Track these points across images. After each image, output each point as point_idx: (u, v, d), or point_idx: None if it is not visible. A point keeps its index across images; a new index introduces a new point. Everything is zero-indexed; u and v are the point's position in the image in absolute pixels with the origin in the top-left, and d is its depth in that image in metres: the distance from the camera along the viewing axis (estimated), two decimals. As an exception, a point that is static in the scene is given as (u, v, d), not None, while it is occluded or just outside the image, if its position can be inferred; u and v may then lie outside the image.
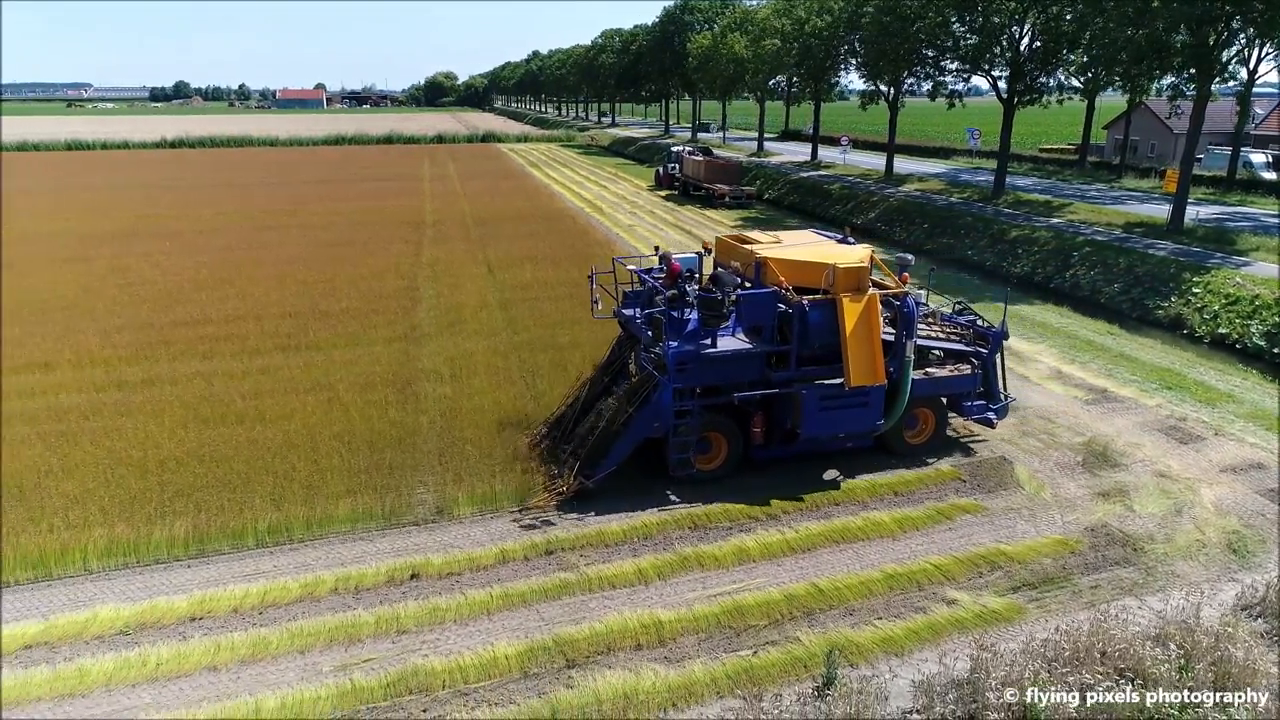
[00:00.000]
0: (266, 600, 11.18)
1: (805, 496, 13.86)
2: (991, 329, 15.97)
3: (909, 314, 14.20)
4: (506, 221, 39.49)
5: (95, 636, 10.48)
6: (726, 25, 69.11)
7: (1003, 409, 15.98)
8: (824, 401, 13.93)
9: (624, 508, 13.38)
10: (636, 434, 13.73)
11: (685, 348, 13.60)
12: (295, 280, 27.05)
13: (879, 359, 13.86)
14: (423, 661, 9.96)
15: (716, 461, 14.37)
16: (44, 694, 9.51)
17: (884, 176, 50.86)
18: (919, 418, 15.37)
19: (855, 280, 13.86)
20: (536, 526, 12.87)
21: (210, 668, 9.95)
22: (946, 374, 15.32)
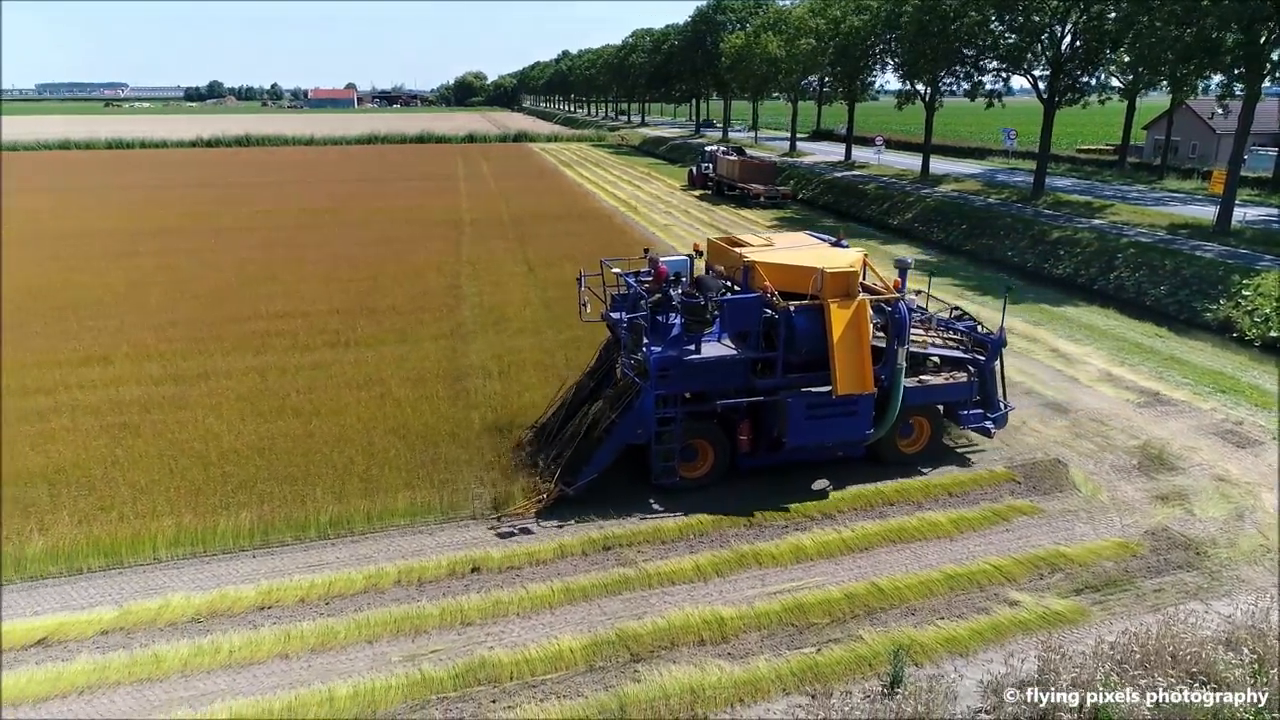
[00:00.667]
0: (332, 591, 11.36)
1: (860, 495, 13.86)
2: (990, 336, 15.48)
3: (900, 320, 13.71)
4: (543, 220, 39.68)
5: (169, 623, 10.71)
6: (760, 25, 68.91)
7: (1001, 418, 15.45)
8: (811, 410, 13.53)
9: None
10: (618, 441, 13.46)
11: (668, 353, 13.34)
12: (340, 278, 27.38)
13: (868, 367, 13.43)
14: (489, 653, 10.09)
15: (702, 470, 14.02)
16: (122, 679, 9.73)
17: (920, 177, 50.52)
18: (914, 426, 14.91)
19: (844, 285, 13.43)
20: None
21: (282, 656, 10.14)
22: (941, 382, 14.85)
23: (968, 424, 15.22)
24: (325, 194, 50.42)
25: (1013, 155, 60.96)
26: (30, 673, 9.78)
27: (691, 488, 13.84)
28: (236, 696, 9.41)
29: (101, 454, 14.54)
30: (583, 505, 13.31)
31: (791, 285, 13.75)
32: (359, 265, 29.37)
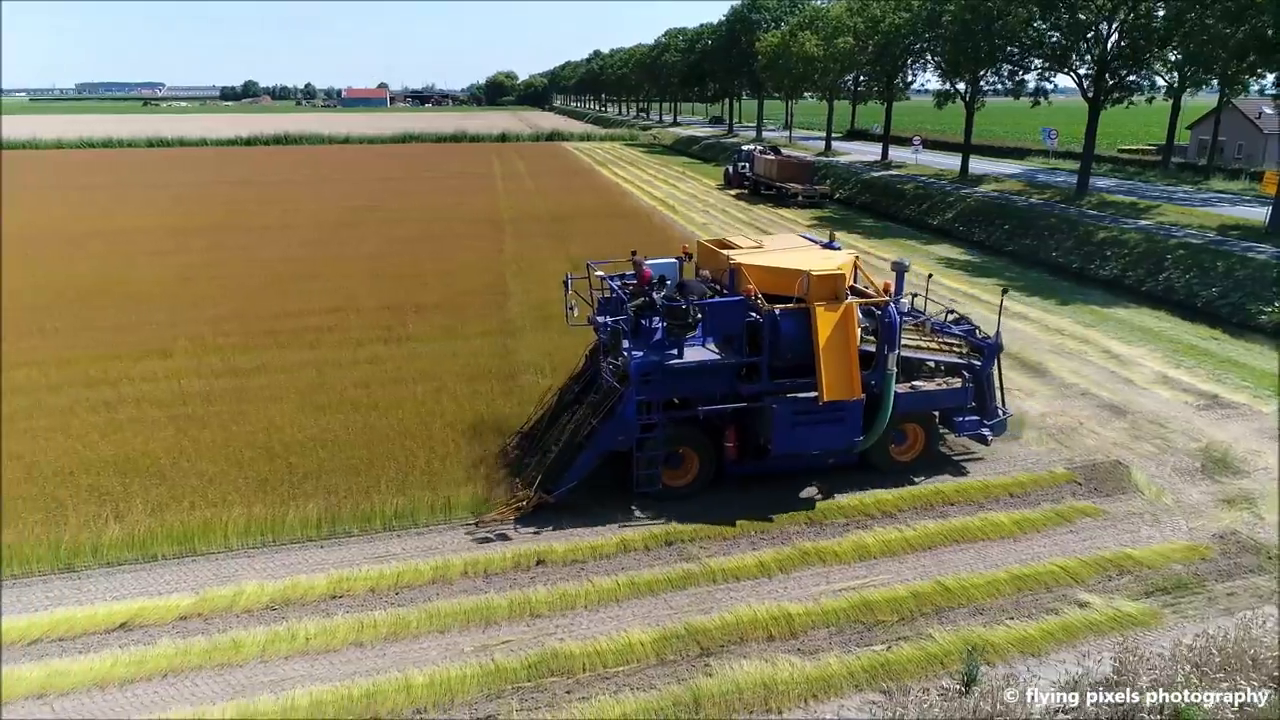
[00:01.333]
0: (400, 582, 11.52)
1: (919, 495, 13.82)
2: (986, 340, 15.09)
3: (890, 324, 13.27)
4: (583, 219, 39.82)
5: (244, 610, 10.92)
6: (797, 24, 68.64)
7: (1000, 425, 15.06)
8: (796, 416, 13.13)
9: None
10: (600, 447, 13.18)
11: (649, 358, 13.06)
12: (385, 274, 27.67)
13: (855, 372, 13.01)
14: (559, 645, 10.18)
15: (687, 477, 13.73)
16: (203, 663, 9.94)
17: (959, 176, 50.07)
18: (907, 433, 14.55)
19: (830, 288, 13.04)
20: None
21: (356, 644, 10.30)
22: (934, 388, 14.45)
23: (963, 431, 14.80)
24: (365, 192, 50.97)
25: (1053, 155, 60.23)
26: (115, 655, 10.02)
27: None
28: (315, 683, 9.58)
29: (169, 444, 14.84)
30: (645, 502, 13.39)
31: (778, 288, 13.47)
32: (403, 262, 29.66)
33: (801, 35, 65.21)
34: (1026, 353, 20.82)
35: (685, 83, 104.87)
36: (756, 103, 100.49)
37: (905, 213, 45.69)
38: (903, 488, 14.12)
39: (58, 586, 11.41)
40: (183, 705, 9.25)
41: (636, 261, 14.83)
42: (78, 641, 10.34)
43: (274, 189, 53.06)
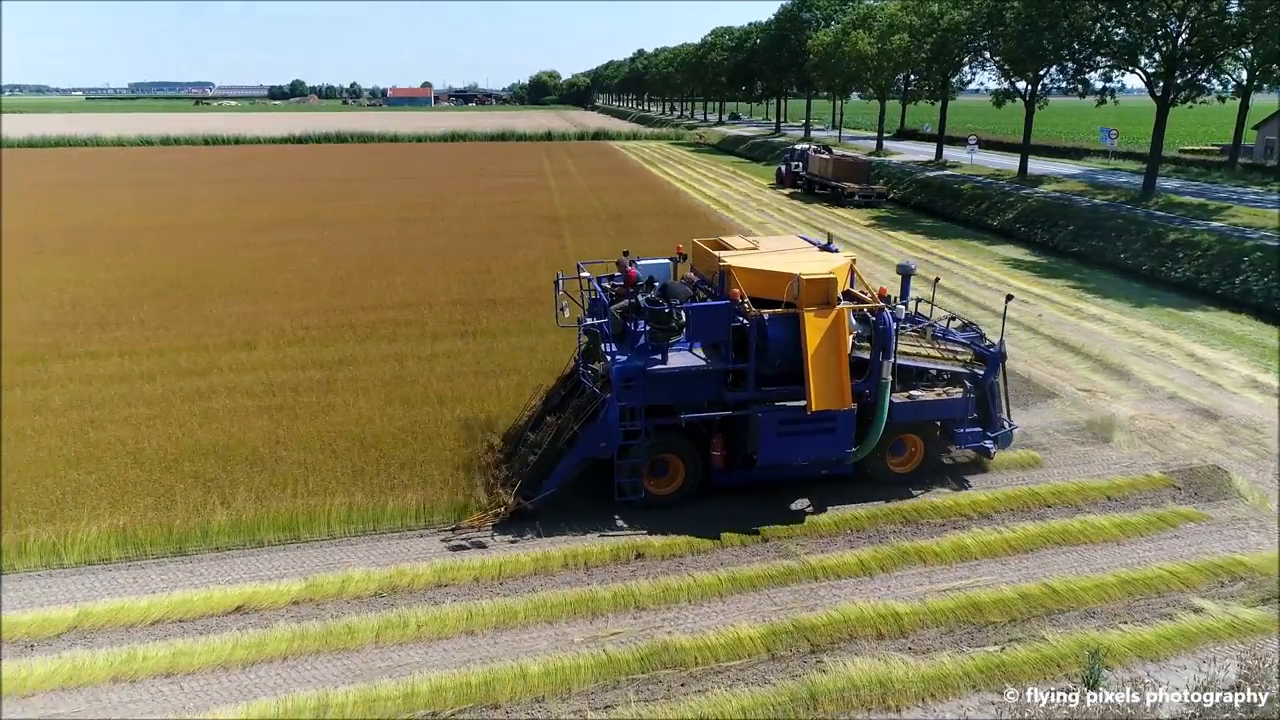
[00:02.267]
0: (504, 572, 11.65)
1: (1015, 496, 13.67)
2: (990, 348, 14.41)
3: (885, 331, 12.80)
4: (640, 217, 39.86)
5: (354, 596, 11.12)
6: (849, 22, 68.10)
7: (1005, 437, 14.41)
8: (783, 426, 12.70)
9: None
10: (581, 453, 12.81)
11: (632, 363, 12.65)
12: (454, 270, 27.95)
13: (845, 381, 12.53)
14: (668, 638, 10.22)
15: (672, 486, 13.35)
16: (321, 647, 10.13)
17: (1018, 177, 49.28)
18: (906, 444, 14.00)
19: (821, 293, 12.49)
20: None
21: (467, 632, 10.44)
22: (933, 398, 13.74)
23: (964, 443, 14.21)
24: (421, 189, 51.51)
25: (1112, 155, 59.08)
26: (235, 638, 10.25)
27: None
28: (432, 669, 9.72)
29: (264, 433, 15.14)
30: (729, 499, 13.39)
31: (769, 291, 12.96)
32: (469, 258, 29.93)
33: (854, 34, 64.70)
34: (1108, 355, 20.46)
35: (732, 82, 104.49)
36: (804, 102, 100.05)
37: (963, 213, 45.08)
38: (996, 489, 13.96)
39: (171, 569, 11.71)
40: (305, 688, 9.43)
41: (621, 262, 14.42)
42: (197, 623, 10.60)
43: (333, 186, 53.83)
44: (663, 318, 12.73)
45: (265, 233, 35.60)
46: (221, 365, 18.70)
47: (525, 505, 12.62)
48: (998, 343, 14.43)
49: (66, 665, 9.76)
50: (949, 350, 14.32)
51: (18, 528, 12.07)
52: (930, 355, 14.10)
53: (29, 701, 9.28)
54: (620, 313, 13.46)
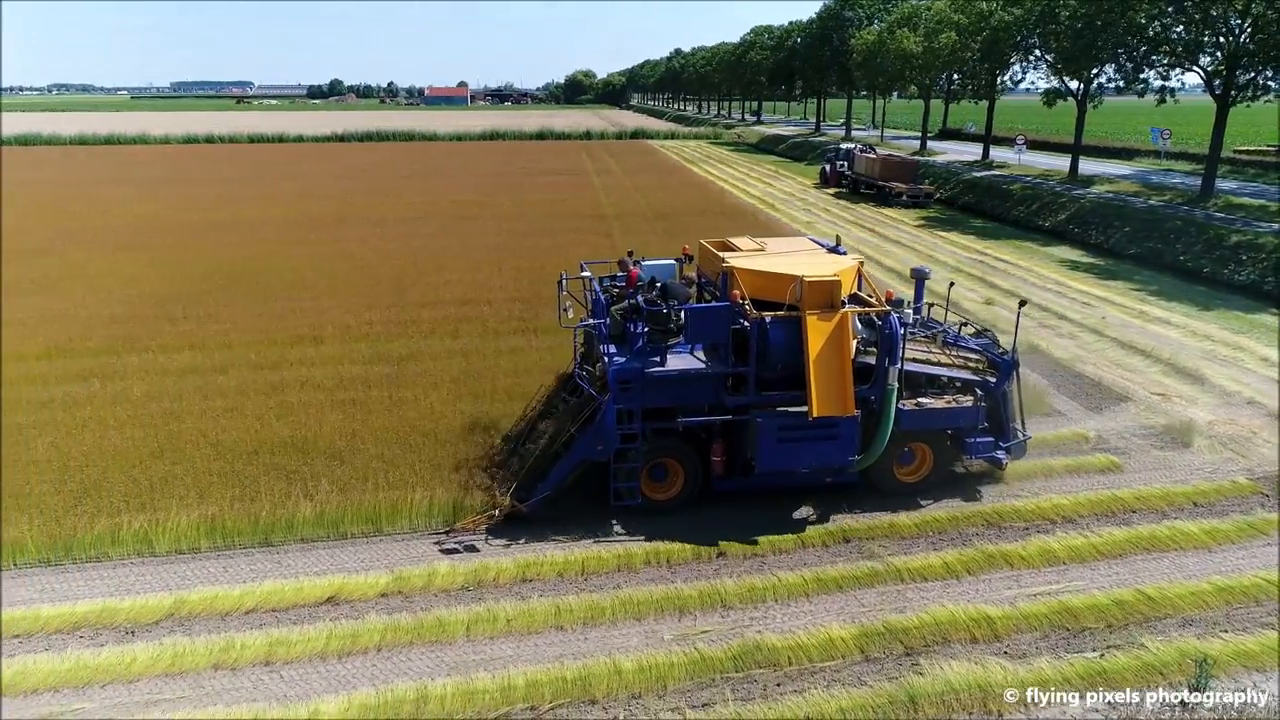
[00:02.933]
0: (586, 568, 11.68)
1: (1098, 501, 13.45)
2: (1003, 356, 13.92)
3: (891, 335, 12.37)
4: (687, 215, 39.79)
5: (441, 590, 11.20)
6: (895, 20, 67.50)
7: (1017, 447, 13.90)
8: (784, 432, 12.36)
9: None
10: (577, 456, 12.56)
11: (630, 365, 12.44)
12: (508, 267, 28.07)
13: (848, 387, 12.11)
14: (759, 637, 10.18)
15: (671, 491, 13.09)
16: (413, 640, 10.22)
17: (1068, 177, 48.57)
18: (915, 453, 13.61)
19: (824, 296, 12.14)
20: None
21: (556, 627, 10.47)
22: (941, 406, 13.26)
23: (974, 453, 13.71)
24: (467, 187, 51.81)
25: (1164, 156, 58.00)
26: (329, 628, 10.36)
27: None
28: (526, 664, 9.75)
29: (340, 427, 15.30)
30: (827, 498, 13.30)
31: (771, 294, 12.59)
32: (522, 256, 30.05)
33: (900, 32, 64.15)
34: (1180, 359, 20.06)
35: (772, 81, 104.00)
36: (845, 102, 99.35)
37: (1013, 214, 44.47)
38: (1077, 493, 13.75)
39: (259, 560, 11.87)
40: (403, 679, 9.51)
41: (623, 261, 14.11)
42: (290, 613, 10.73)
43: (379, 183, 54.33)
44: (661, 319, 12.57)
45: (318, 229, 36.02)
46: (291, 359, 18.95)
47: (520, 508, 12.38)
48: (1011, 350, 13.99)
49: (168, 652, 9.92)
50: (960, 357, 13.90)
51: (110, 515, 12.31)
52: (940, 362, 13.69)
53: (135, 686, 9.45)
54: (621, 314, 13.20)
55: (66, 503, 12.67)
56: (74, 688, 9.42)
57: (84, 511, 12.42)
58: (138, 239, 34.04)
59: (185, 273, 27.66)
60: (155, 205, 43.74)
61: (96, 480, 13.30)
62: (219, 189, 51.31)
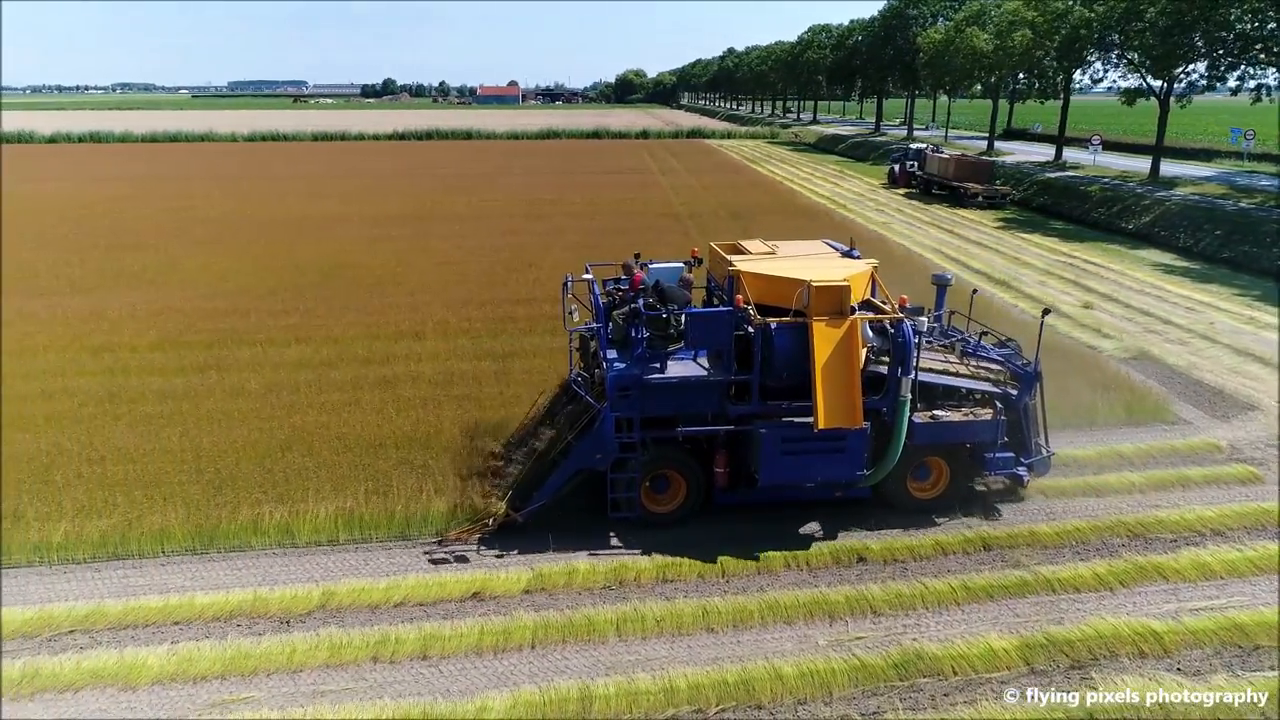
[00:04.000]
0: (727, 570, 11.56)
1: (1244, 513, 12.98)
2: (1025, 368, 13.19)
3: (904, 344, 11.80)
4: (760, 214, 39.47)
5: (582, 588, 11.17)
6: (964, 18, 66.37)
7: (1041, 464, 13.19)
8: (787, 444, 11.84)
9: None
10: (575, 465, 12.18)
11: (629, 372, 11.98)
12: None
13: (857, 397, 11.50)
14: (917, 645, 9.96)
15: (673, 503, 12.62)
16: (564, 638, 10.18)
17: (1148, 178, 47.30)
18: (930, 468, 12.96)
19: (833, 301, 11.55)
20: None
21: (706, 629, 10.37)
22: (958, 419, 12.61)
23: (994, 469, 13.02)
24: (537, 185, 51.95)
25: (1248, 157, 56.22)
26: (480, 624, 10.37)
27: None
28: (682, 665, 9.65)
29: (457, 421, 15.32)
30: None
31: (779, 299, 11.98)
32: (604, 254, 29.65)
33: (969, 30, 63.05)
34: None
35: (832, 80, 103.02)
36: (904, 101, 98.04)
37: (1092, 216, 43.40)
38: (1221, 505, 13.28)
39: (398, 554, 11.94)
40: (562, 678, 9.47)
41: (627, 265, 13.67)
42: (438, 608, 10.77)
43: (448, 181, 54.73)
44: (659, 323, 12.16)
45: (398, 226, 36.41)
46: (398, 354, 19.13)
47: (515, 518, 12.06)
48: (1034, 361, 13.22)
49: (325, 643, 10.00)
50: (980, 367, 13.21)
51: (250, 506, 12.48)
52: (958, 372, 13.01)
53: (298, 676, 9.54)
54: (623, 318, 12.77)
55: (205, 492, 12.89)
56: (240, 676, 9.54)
57: (225, 502, 12.62)
58: (224, 234, 34.72)
59: (275, 267, 28.10)
60: (235, 201, 44.61)
61: (231, 471, 13.50)
62: (291, 185, 52.16)
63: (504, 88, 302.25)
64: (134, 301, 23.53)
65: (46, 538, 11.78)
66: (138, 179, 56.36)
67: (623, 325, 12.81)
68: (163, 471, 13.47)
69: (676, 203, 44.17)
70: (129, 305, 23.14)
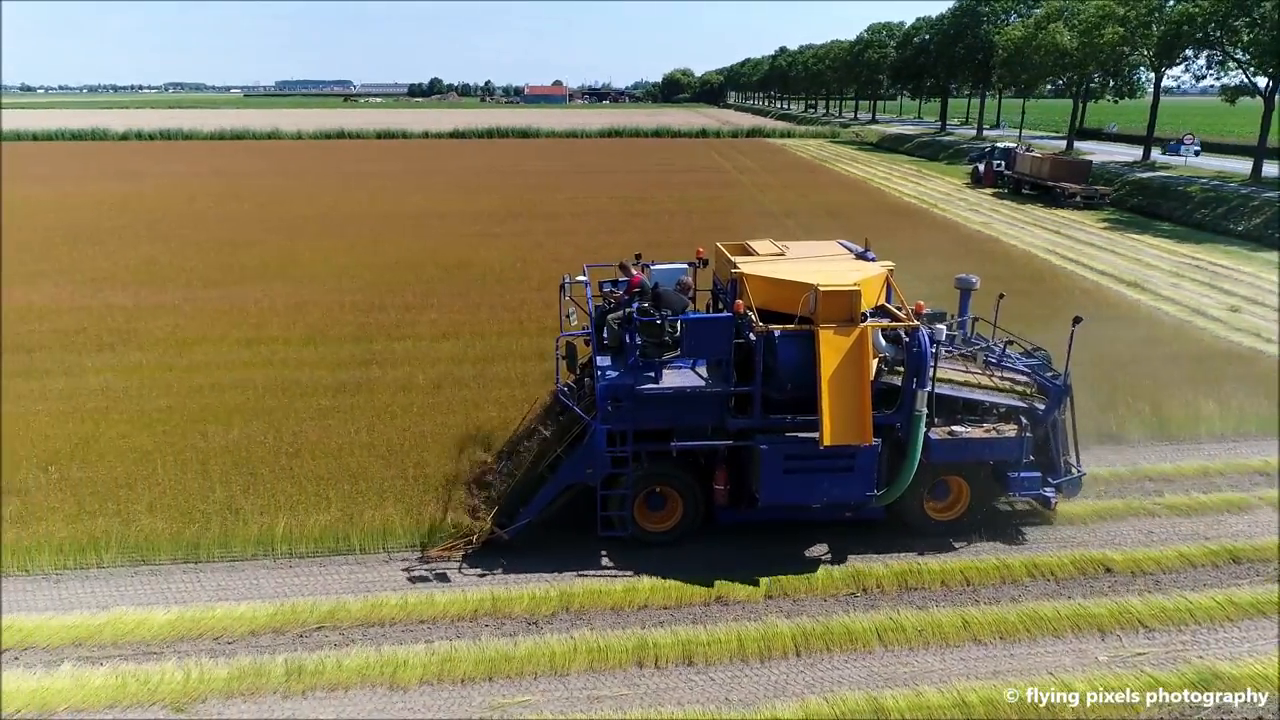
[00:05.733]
0: (969, 579, 11.10)
1: None
2: (1055, 380, 12.16)
3: (920, 354, 10.87)
4: (857, 213, 38.88)
5: (824, 594, 10.82)
6: (1045, 15, 64.99)
7: (1071, 484, 12.25)
8: (790, 461, 10.96)
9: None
10: (564, 480, 11.42)
11: (621, 381, 11.22)
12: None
13: (866, 412, 10.58)
14: (1205, 663, 9.43)
15: (670, 521, 11.83)
16: (828, 646, 9.83)
17: (1250, 179, 45.85)
18: (950, 487, 12.07)
19: (841, 307, 10.68)
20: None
21: (973, 640, 9.98)
22: (979, 435, 11.62)
23: (1017, 490, 12.04)
24: (620, 184, 51.46)
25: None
26: (737, 629, 10.05)
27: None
28: (962, 679, 9.24)
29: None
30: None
31: (784, 304, 11.09)
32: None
33: (1052, 27, 61.69)
34: None
35: (896, 79, 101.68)
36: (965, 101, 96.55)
37: (1195, 217, 42.15)
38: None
39: (633, 553, 11.64)
40: (846, 689, 9.10)
41: (625, 265, 12.85)
42: (684, 611, 10.47)
43: (528, 178, 54.69)
44: (654, 330, 11.38)
45: (500, 223, 36.33)
46: (551, 351, 18.84)
47: (501, 535, 11.36)
48: (1063, 373, 12.18)
49: (583, 646, 9.72)
50: (1005, 379, 12.20)
51: (459, 503, 12.25)
52: (980, 384, 12.03)
53: (566, 680, 9.26)
54: (618, 323, 12.02)
55: (414, 487, 12.67)
56: (506, 678, 9.29)
57: (436, 498, 12.37)
58: (328, 229, 34.91)
59: (392, 263, 28.06)
60: (327, 198, 44.89)
61: (434, 466, 13.23)
62: (375, 182, 52.47)
63: (549, 87, 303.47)
64: (261, 296, 23.57)
65: (268, 531, 11.68)
66: (220, 175, 57.11)
67: (618, 331, 12.07)
68: (363, 466, 13.30)
69: (766, 202, 43.65)
70: (262, 299, 23.20)
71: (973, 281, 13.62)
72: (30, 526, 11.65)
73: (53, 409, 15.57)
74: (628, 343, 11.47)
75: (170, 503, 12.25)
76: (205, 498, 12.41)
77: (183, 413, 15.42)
